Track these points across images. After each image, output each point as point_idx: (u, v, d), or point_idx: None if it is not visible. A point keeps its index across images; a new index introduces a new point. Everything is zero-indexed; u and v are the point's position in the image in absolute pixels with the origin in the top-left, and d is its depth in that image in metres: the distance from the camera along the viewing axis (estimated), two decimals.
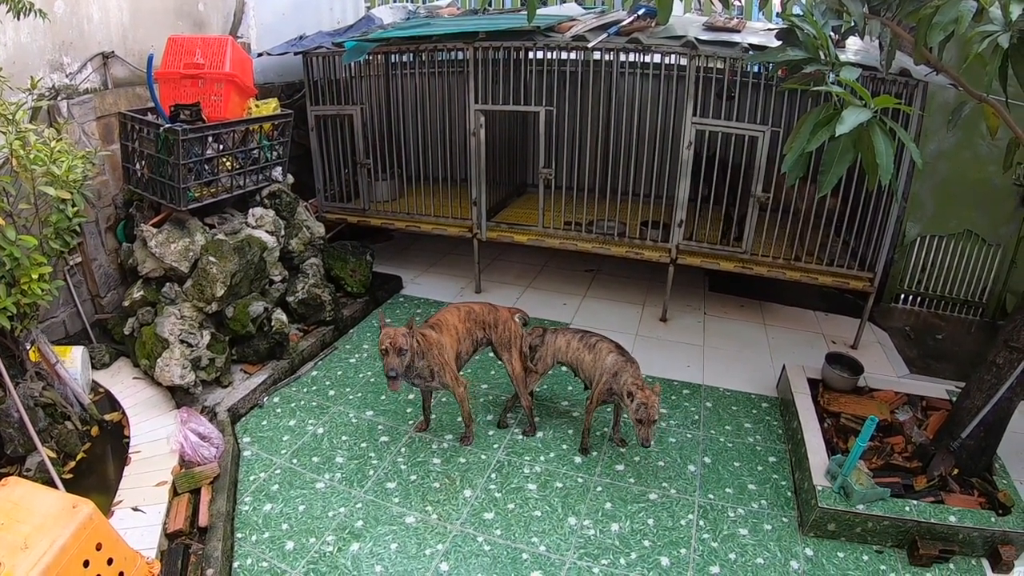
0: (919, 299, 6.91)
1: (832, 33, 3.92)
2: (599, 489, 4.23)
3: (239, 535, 3.81)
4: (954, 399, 4.55)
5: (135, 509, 3.80)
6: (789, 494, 4.21)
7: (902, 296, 6.92)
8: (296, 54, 6.81)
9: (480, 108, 6.32)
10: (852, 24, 3.78)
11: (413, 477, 4.30)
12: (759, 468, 4.46)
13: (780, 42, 4.01)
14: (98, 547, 2.79)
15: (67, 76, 5.11)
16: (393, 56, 7.61)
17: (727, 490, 4.24)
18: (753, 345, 6.17)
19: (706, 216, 6.51)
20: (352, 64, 7.01)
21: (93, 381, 4.98)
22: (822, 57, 3.65)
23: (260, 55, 6.85)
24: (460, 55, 6.47)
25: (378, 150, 7.07)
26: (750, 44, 5.38)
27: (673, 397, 5.25)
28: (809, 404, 4.70)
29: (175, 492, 3.98)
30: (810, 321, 6.75)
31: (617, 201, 6.59)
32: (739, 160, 6.06)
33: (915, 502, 3.81)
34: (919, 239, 6.48)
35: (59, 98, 4.96)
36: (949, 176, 6.20)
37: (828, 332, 6.47)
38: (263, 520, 3.92)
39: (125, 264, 5.32)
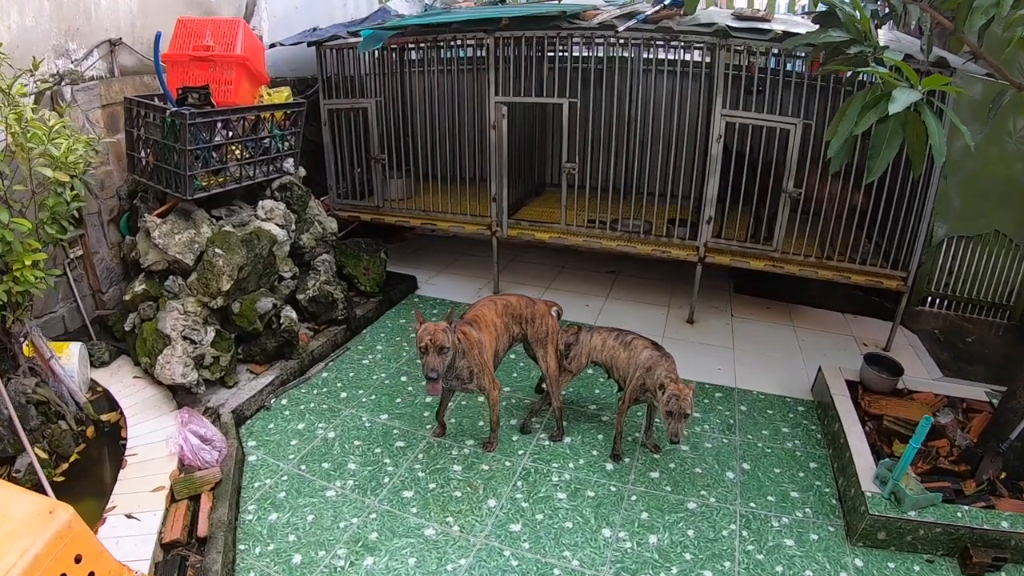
0: (946, 302, 6.72)
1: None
2: (634, 498, 3.94)
3: (241, 546, 3.51)
4: (994, 401, 4.47)
5: (129, 516, 3.52)
6: (834, 502, 3.97)
7: (928, 299, 6.69)
8: (310, 44, 6.61)
9: (500, 100, 6.08)
10: (888, 11, 3.67)
11: (432, 485, 4.00)
12: (800, 474, 4.21)
13: (818, 26, 3.80)
14: (77, 559, 2.45)
15: (72, 62, 4.96)
16: (410, 52, 7.48)
17: (769, 498, 3.98)
18: (783, 347, 5.96)
19: (734, 214, 6.29)
20: (367, 59, 6.84)
21: (92, 380, 4.77)
22: (864, 39, 3.47)
23: (272, 46, 6.66)
24: (479, 52, 6.32)
25: (392, 147, 6.88)
26: (784, 31, 5.18)
27: (706, 401, 4.99)
28: (850, 407, 4.50)
29: (173, 498, 3.69)
30: (839, 323, 6.55)
31: (643, 200, 6.34)
32: (769, 156, 5.85)
33: (966, 507, 3.61)
34: (946, 240, 6.24)
35: (63, 83, 4.80)
36: (977, 174, 5.93)
37: (858, 334, 6.28)
38: (268, 531, 3.62)
39: (128, 258, 5.12)
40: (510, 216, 6.63)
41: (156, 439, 4.14)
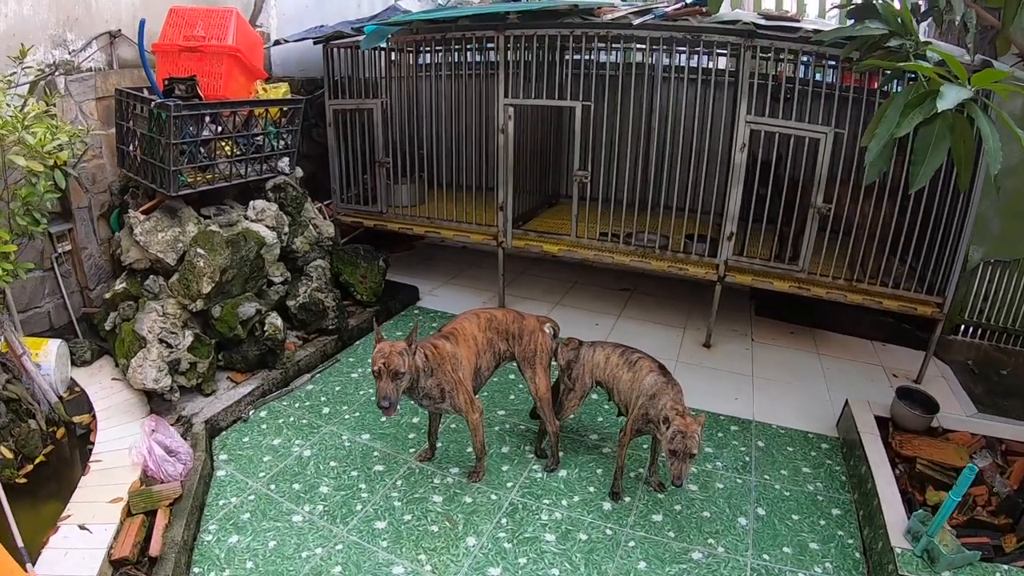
0: (979, 331, 6.27)
1: None
2: (631, 544, 3.55)
3: (196, 569, 3.21)
4: None
5: (82, 527, 3.30)
6: (857, 555, 3.53)
7: (961, 327, 6.26)
8: (316, 42, 6.37)
9: (509, 102, 5.77)
10: (928, 6, 3.47)
11: (408, 517, 3.64)
12: (822, 522, 3.77)
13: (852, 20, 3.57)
14: None
15: (70, 53, 4.85)
16: (421, 56, 7.29)
17: (785, 549, 3.55)
18: (807, 376, 5.54)
19: (756, 231, 5.94)
20: (375, 60, 6.64)
21: (71, 379, 4.59)
22: (905, 32, 3.23)
23: (277, 42, 6.42)
24: (489, 55, 6.10)
25: (399, 152, 6.64)
26: (815, 29, 4.83)
27: (720, 434, 4.59)
28: (880, 447, 4.09)
29: (129, 512, 3.44)
30: (867, 352, 6.13)
31: (660, 214, 5.97)
32: (796, 168, 5.46)
33: (1005, 566, 3.20)
34: (981, 265, 5.83)
35: (56, 73, 4.66)
36: (1017, 194, 5.45)
37: (888, 364, 5.86)
38: (226, 554, 3.31)
39: (116, 255, 4.89)
40: (521, 227, 6.31)
41: (123, 446, 3.90)
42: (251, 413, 4.48)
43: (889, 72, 4.51)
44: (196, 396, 4.43)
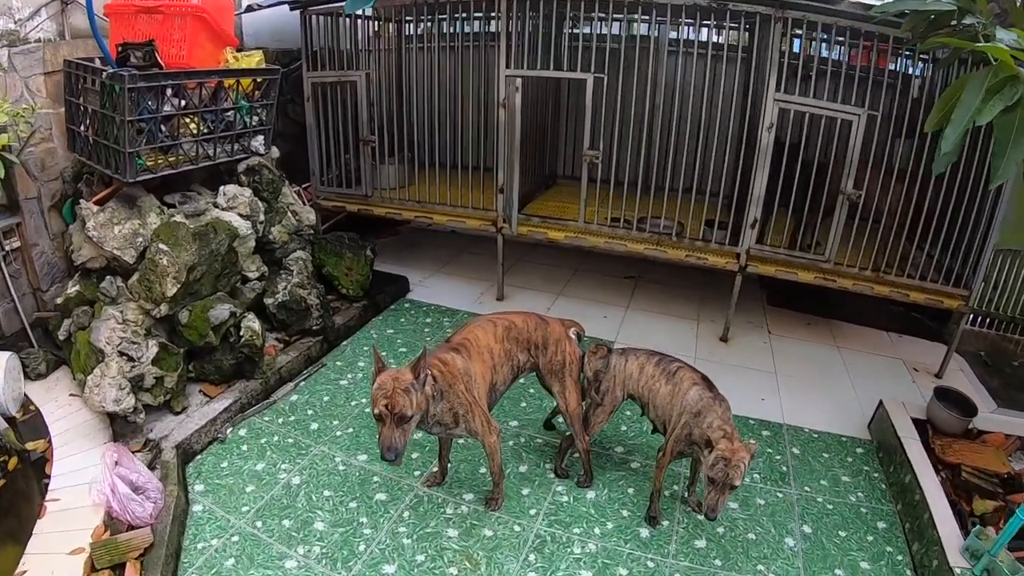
0: (989, 320, 6.19)
1: None
2: None
3: None
4: None
5: None
6: (909, 573, 3.27)
7: (970, 317, 6.11)
8: (292, 7, 5.79)
9: (512, 73, 5.24)
10: None
11: (420, 558, 3.13)
12: (869, 538, 3.49)
13: None
14: None
15: (15, 22, 4.31)
16: (408, 26, 6.80)
17: (837, 572, 3.24)
18: (831, 373, 5.25)
19: (780, 217, 5.55)
20: (359, 29, 6.10)
21: (25, 395, 4.07)
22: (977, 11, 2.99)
23: (250, 8, 5.82)
24: (484, 26, 5.77)
25: (385, 128, 6.09)
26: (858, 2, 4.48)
27: (753, 441, 4.11)
28: (923, 455, 3.83)
29: (93, 567, 2.90)
30: (885, 344, 5.86)
31: (677, 198, 5.54)
32: (825, 151, 5.09)
33: None
34: (993, 254, 5.60)
35: None
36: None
37: (907, 358, 5.61)
38: None
39: (70, 252, 4.35)
40: (520, 211, 5.79)
41: (83, 479, 3.36)
42: (229, 432, 3.94)
43: (948, 53, 4.16)
44: (165, 414, 3.88)
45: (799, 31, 4.76)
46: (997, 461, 3.78)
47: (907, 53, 4.91)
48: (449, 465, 3.68)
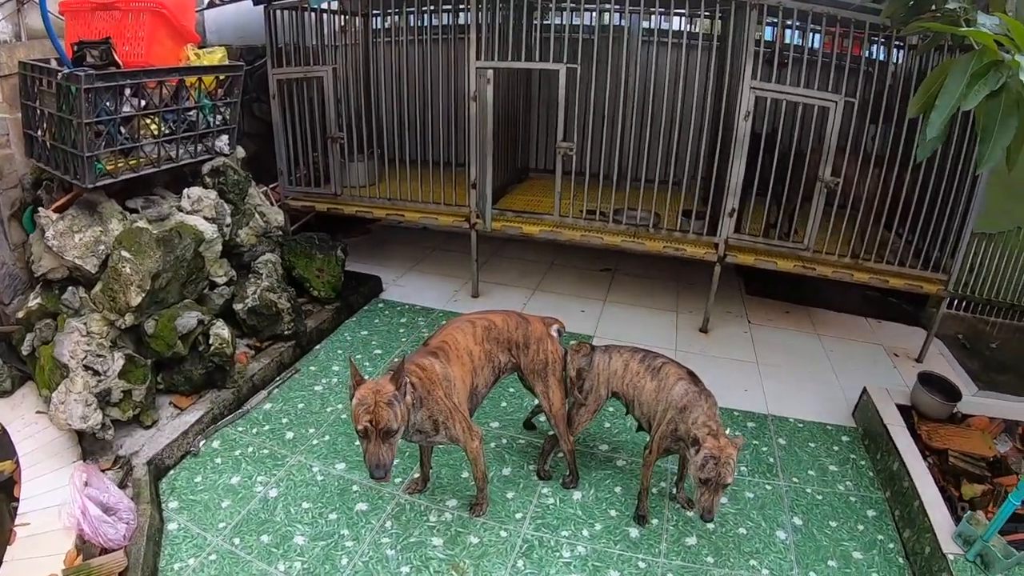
0: (965, 303, 6.26)
1: None
2: None
3: None
4: None
5: None
6: (901, 560, 3.27)
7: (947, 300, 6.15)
8: (256, 2, 5.60)
9: (483, 65, 5.12)
10: None
11: (405, 569, 3.03)
12: (860, 527, 3.47)
13: None
14: None
15: None
16: (375, 18, 6.67)
17: (830, 563, 3.22)
18: (812, 360, 5.25)
19: (750, 206, 5.47)
20: (325, 24, 5.97)
21: None
22: None
23: (212, 4, 5.66)
24: (455, 17, 5.70)
25: (354, 125, 5.95)
26: None
27: (739, 433, 4.19)
28: (910, 442, 3.83)
29: None
30: (864, 329, 5.90)
31: (653, 189, 5.48)
32: (801, 139, 5.11)
33: None
34: (970, 238, 5.69)
35: None
36: (1003, 167, 5.30)
37: (887, 343, 5.64)
38: None
39: (30, 262, 4.16)
40: (493, 205, 5.69)
41: (54, 501, 3.21)
42: (202, 444, 3.79)
43: (928, 39, 4.17)
44: (134, 429, 3.72)
45: (774, 18, 4.70)
46: (983, 445, 3.80)
47: (882, 40, 4.87)
48: (431, 471, 3.58)
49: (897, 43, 5.08)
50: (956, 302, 6.22)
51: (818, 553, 3.27)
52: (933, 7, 3.14)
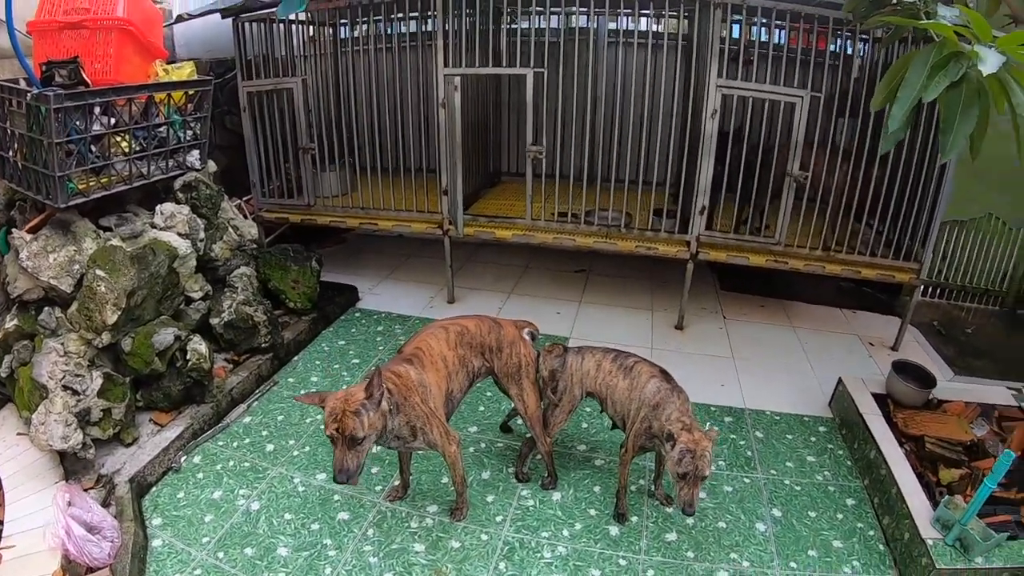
0: (938, 290, 6.49)
1: None
2: (651, 573, 3.11)
3: None
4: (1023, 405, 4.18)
5: None
6: (881, 547, 3.33)
7: (921, 288, 6.23)
8: (224, 15, 5.57)
9: (451, 72, 5.13)
10: None
11: (389, 575, 3.06)
12: (839, 516, 3.53)
13: None
14: None
15: None
16: (344, 28, 6.69)
17: (810, 552, 3.27)
18: (787, 353, 5.31)
19: (728, 203, 5.54)
20: (294, 35, 5.97)
21: None
22: None
23: (180, 18, 5.62)
24: (421, 25, 5.75)
25: (325, 136, 5.95)
26: None
27: (716, 428, 4.15)
28: (886, 429, 3.88)
29: None
30: (839, 321, 5.96)
31: (624, 189, 5.50)
32: (769, 136, 5.13)
33: None
34: (940, 225, 5.75)
35: None
36: (968, 156, 5.46)
37: (862, 333, 5.71)
38: None
39: (5, 284, 4.13)
40: (466, 210, 5.71)
41: (38, 523, 3.20)
42: (183, 460, 3.79)
43: (890, 32, 4.24)
44: (116, 448, 3.70)
45: (739, 16, 4.75)
46: (959, 429, 3.84)
47: (847, 34, 4.94)
48: (411, 477, 3.59)
49: (863, 36, 5.14)
50: (931, 290, 6.34)
51: (798, 543, 3.31)
52: (894, 1, 3.18)
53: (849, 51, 5.38)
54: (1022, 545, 3.04)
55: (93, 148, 3.87)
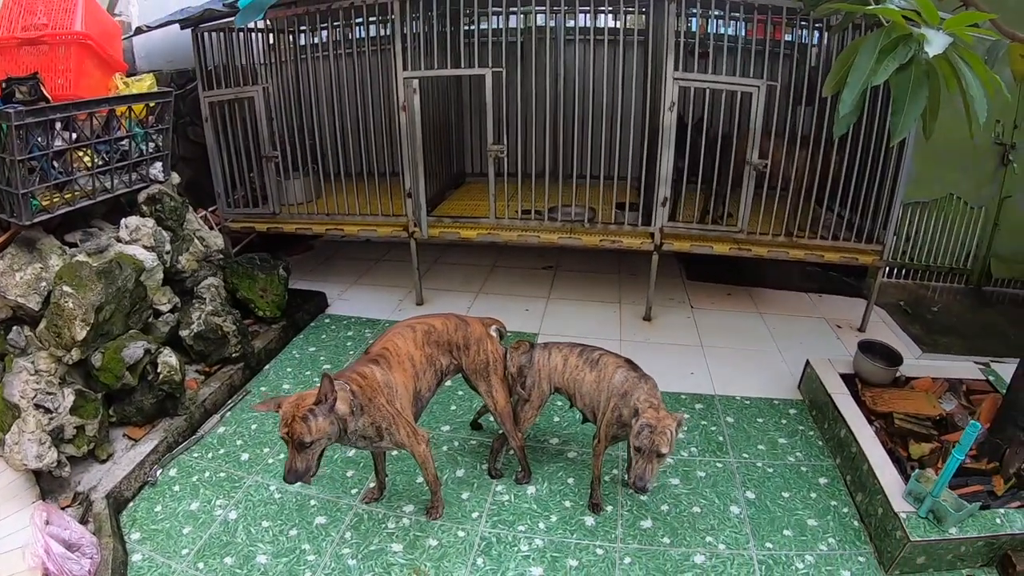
0: (904, 271, 6.56)
1: None
2: (628, 561, 3.15)
3: None
4: (991, 379, 4.26)
5: None
6: (856, 524, 3.40)
7: (886, 269, 6.42)
8: (183, 26, 5.53)
9: (410, 75, 5.15)
10: None
11: None
12: (812, 495, 3.60)
13: None
14: None
15: None
16: (303, 35, 6.64)
17: (785, 532, 3.33)
18: (755, 339, 5.39)
19: (690, 193, 5.63)
20: (254, 44, 5.93)
21: None
22: None
23: (139, 31, 5.56)
24: (379, 30, 5.73)
25: (288, 143, 5.93)
26: None
27: (687, 415, 4.23)
28: (855, 408, 3.95)
29: None
30: (806, 305, 6.06)
31: (586, 185, 5.55)
32: (722, 126, 5.30)
33: (1002, 511, 3.17)
34: (902, 207, 5.93)
35: None
36: (921, 137, 5.57)
37: (829, 316, 5.82)
38: None
39: None
40: (429, 212, 5.73)
41: (16, 543, 3.15)
42: (159, 474, 3.78)
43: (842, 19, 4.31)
44: (91, 464, 3.68)
45: (694, 10, 4.82)
46: (928, 405, 3.91)
47: (803, 23, 5.02)
48: (386, 479, 3.61)
49: (818, 25, 5.22)
50: (896, 270, 6.46)
51: (773, 524, 3.37)
52: None
53: (805, 40, 5.46)
54: (994, 514, 3.10)
55: (56, 164, 3.84)
